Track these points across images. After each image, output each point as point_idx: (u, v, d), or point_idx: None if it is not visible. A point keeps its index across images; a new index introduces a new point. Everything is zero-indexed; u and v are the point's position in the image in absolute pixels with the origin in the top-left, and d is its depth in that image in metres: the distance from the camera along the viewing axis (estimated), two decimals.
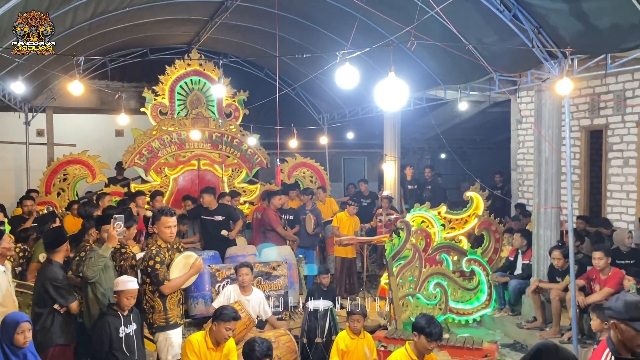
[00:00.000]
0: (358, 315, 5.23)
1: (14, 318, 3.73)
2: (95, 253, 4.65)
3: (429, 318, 4.20)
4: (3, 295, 4.62)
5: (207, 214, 8.58)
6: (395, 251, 7.27)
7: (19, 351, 3.63)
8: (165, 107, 10.29)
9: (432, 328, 4.10)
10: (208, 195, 8.59)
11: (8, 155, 13.17)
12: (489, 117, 13.19)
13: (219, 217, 8.55)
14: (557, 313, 6.53)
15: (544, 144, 7.02)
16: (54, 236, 4.97)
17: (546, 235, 7.08)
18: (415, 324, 4.22)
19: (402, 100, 4.19)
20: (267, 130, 11.47)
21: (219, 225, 8.52)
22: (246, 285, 6.17)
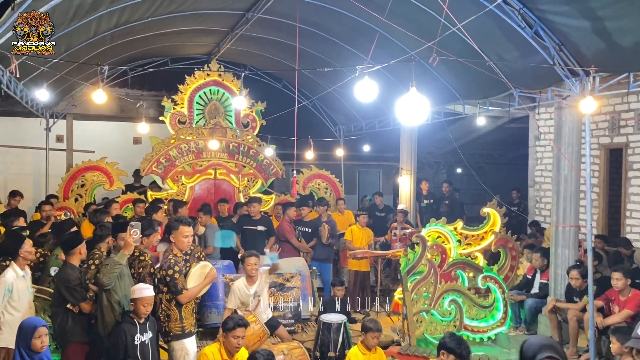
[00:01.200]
0: (377, 333, 5.19)
1: (32, 323, 3.76)
2: (111, 260, 4.68)
3: (458, 339, 4.16)
4: (21, 300, 4.71)
5: (250, 224, 8.61)
6: (410, 266, 7.20)
7: (36, 356, 3.65)
8: (184, 116, 10.38)
9: (462, 350, 4.06)
10: (258, 204, 8.67)
11: (27, 161, 13.36)
12: (506, 132, 13.13)
13: (261, 227, 8.58)
14: (574, 334, 6.43)
15: (563, 162, 6.96)
16: (70, 238, 5.11)
17: (564, 254, 6.99)
18: (444, 344, 4.15)
19: (423, 115, 4.18)
20: (283, 141, 11.52)
21: (260, 235, 8.55)
22: (254, 275, 6.06)
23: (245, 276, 6.09)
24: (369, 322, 5.21)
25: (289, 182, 13.99)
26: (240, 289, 5.99)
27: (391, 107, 10.08)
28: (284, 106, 11.03)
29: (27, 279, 4.92)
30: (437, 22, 5.87)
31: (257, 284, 6.04)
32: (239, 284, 6.08)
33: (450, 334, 4.29)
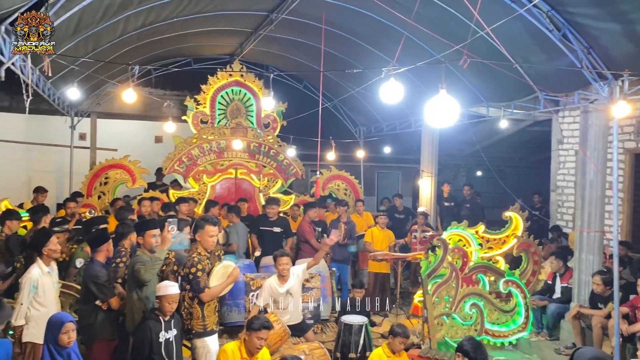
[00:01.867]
0: (405, 339, 5.19)
1: (59, 318, 3.82)
2: (152, 256, 4.76)
3: (476, 344, 4.13)
4: (46, 296, 4.77)
5: (267, 225, 8.61)
6: (431, 269, 7.17)
7: (64, 351, 3.70)
8: (206, 116, 10.47)
9: (477, 355, 4.03)
10: (277, 205, 8.71)
11: (50, 158, 13.56)
12: (528, 135, 12.99)
13: (277, 228, 8.58)
14: (598, 340, 6.34)
15: (588, 166, 6.87)
16: (97, 236, 5.18)
17: (588, 259, 6.90)
18: (461, 347, 4.14)
19: (453, 117, 4.16)
20: (303, 141, 11.55)
21: (276, 237, 8.55)
22: (285, 274, 6.12)
23: (277, 274, 6.14)
24: (398, 327, 5.21)
25: (307, 182, 14.04)
26: (272, 287, 6.04)
27: (413, 109, 10.05)
28: (305, 107, 11.05)
29: (53, 275, 4.99)
30: (463, 25, 5.84)
31: (288, 282, 6.08)
32: (271, 281, 6.14)
33: (470, 338, 4.27)
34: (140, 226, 5.11)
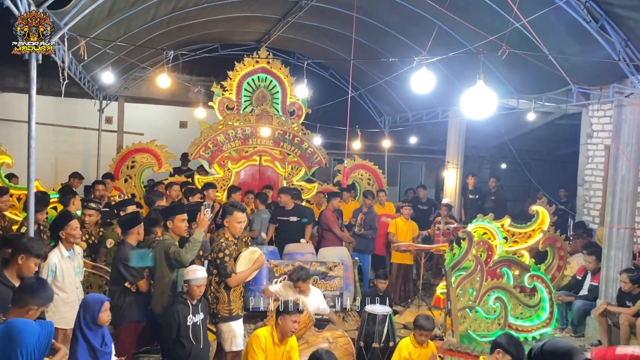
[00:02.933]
0: (428, 332, 5.19)
1: (98, 297, 3.87)
2: (191, 238, 4.81)
3: (517, 342, 4.09)
4: (65, 281, 4.76)
5: (283, 214, 8.55)
6: (455, 261, 7.13)
7: (99, 330, 3.76)
8: (232, 102, 10.51)
9: (520, 355, 3.99)
10: (285, 195, 8.56)
11: (78, 141, 13.77)
12: (556, 129, 12.78)
13: (294, 217, 8.53)
14: (625, 338, 6.25)
15: (621, 162, 6.73)
16: (130, 218, 5.22)
17: (617, 256, 6.80)
18: (501, 344, 4.07)
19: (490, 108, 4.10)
20: (326, 129, 11.53)
21: (293, 226, 8.51)
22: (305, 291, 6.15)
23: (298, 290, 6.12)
24: (423, 320, 5.20)
25: (330, 171, 14.02)
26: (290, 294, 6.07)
27: (441, 100, 9.95)
28: (330, 95, 11.02)
29: (76, 259, 4.95)
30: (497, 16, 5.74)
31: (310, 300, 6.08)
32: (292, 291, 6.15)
33: (508, 335, 4.20)
34: (171, 210, 5.13)
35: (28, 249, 3.88)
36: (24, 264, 3.86)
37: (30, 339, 2.63)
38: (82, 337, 3.68)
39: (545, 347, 2.13)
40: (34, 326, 2.62)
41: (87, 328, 3.69)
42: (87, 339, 3.69)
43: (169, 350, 4.37)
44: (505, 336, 4.15)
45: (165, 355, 4.26)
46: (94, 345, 3.70)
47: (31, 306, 3.20)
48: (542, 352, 2.12)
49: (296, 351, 4.76)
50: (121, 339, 4.91)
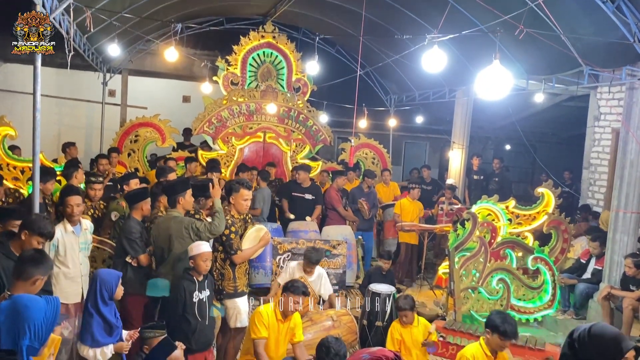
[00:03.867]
0: (405, 312, 5.19)
1: (113, 273, 3.88)
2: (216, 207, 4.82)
3: (504, 316, 4.09)
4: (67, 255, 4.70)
5: (299, 191, 8.54)
6: (459, 242, 7.12)
7: (112, 305, 3.77)
8: (237, 77, 10.39)
9: (506, 326, 4.00)
10: (304, 172, 8.55)
11: (81, 113, 13.68)
12: (563, 111, 12.65)
13: (309, 195, 8.52)
14: (628, 322, 6.26)
15: (630, 145, 6.66)
16: (137, 193, 5.20)
17: (623, 240, 6.77)
18: (489, 322, 4.12)
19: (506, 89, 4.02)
20: (331, 107, 11.42)
21: (307, 204, 8.52)
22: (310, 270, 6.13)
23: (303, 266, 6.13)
24: (401, 301, 5.23)
25: (334, 149, 13.96)
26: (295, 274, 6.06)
27: (449, 79, 9.83)
28: (336, 72, 10.88)
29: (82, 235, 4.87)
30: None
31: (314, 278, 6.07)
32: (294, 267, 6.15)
33: (497, 312, 4.20)
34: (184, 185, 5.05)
35: (32, 226, 3.87)
36: (27, 240, 3.86)
37: (37, 314, 2.62)
38: (96, 312, 3.70)
39: (593, 330, 2.10)
40: (40, 302, 2.60)
41: (102, 303, 3.71)
42: (102, 313, 3.71)
43: (175, 326, 4.37)
44: (492, 315, 4.14)
45: (171, 330, 4.26)
46: (109, 320, 3.72)
47: (37, 276, 3.18)
48: (589, 335, 2.08)
49: (300, 328, 4.78)
50: (128, 312, 4.93)
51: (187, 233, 4.68)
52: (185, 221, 4.77)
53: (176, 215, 4.81)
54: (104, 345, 3.72)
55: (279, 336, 4.63)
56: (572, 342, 2.11)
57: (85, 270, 4.86)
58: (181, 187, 4.93)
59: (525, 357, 6.10)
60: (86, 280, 4.79)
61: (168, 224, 4.74)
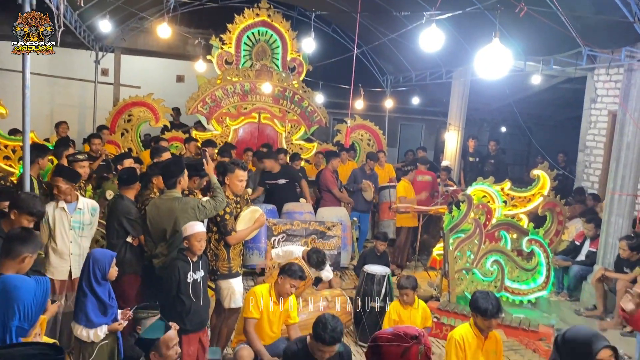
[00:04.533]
0: (407, 290, 5.15)
1: (107, 252, 3.84)
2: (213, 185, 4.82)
3: (483, 296, 4.02)
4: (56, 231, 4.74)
5: (271, 179, 8.34)
6: (453, 224, 7.12)
7: (106, 285, 3.74)
8: (231, 56, 10.25)
9: (486, 305, 3.95)
10: (268, 160, 8.29)
11: (73, 92, 13.51)
12: (559, 93, 12.60)
13: (282, 180, 8.35)
14: None
15: (627, 127, 6.62)
16: (128, 174, 5.16)
17: (618, 223, 6.77)
18: (471, 303, 4.10)
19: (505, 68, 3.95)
20: (327, 87, 11.30)
21: (284, 188, 8.36)
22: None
23: None
24: (403, 280, 5.19)
25: (329, 130, 13.87)
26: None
27: (446, 59, 9.72)
28: (332, 51, 10.74)
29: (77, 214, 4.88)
30: None
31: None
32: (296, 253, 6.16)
33: (478, 292, 4.13)
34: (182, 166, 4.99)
35: (20, 205, 3.83)
36: (16, 219, 3.83)
37: (27, 295, 2.58)
38: (90, 292, 3.66)
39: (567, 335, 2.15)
40: (30, 282, 2.56)
41: (96, 283, 3.67)
42: (96, 293, 3.68)
43: (169, 306, 4.34)
44: (473, 296, 4.10)
45: (165, 311, 4.23)
46: (103, 300, 3.69)
47: (25, 254, 3.13)
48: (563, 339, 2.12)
49: (295, 310, 4.76)
50: (123, 292, 4.91)
51: (193, 213, 4.64)
52: (191, 202, 4.73)
53: (178, 196, 4.75)
54: (98, 326, 3.69)
55: (274, 317, 4.62)
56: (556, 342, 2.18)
57: (76, 249, 4.85)
58: (178, 168, 4.86)
59: (519, 338, 6.14)
60: (77, 259, 4.79)
61: (171, 205, 4.67)
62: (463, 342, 3.99)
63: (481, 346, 4.05)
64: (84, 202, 4.97)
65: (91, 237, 5.07)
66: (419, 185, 9.10)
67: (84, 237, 4.96)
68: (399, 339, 1.65)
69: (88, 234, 5.01)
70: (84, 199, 5.03)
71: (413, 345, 1.64)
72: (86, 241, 4.99)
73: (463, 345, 3.98)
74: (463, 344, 3.99)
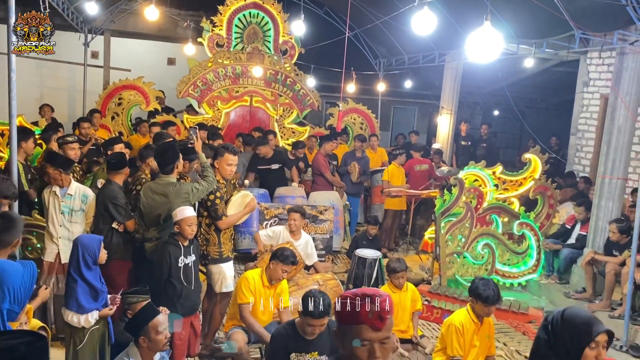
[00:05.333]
0: (401, 272, 5.15)
1: (94, 237, 3.82)
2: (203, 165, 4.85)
3: (485, 282, 4.06)
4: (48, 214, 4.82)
5: (264, 164, 8.26)
6: (445, 207, 7.14)
7: (96, 269, 3.72)
8: (222, 39, 10.13)
9: (488, 293, 3.99)
10: (264, 147, 8.26)
11: (63, 75, 13.34)
12: (552, 76, 12.59)
13: (275, 165, 8.32)
14: (610, 287, 6.36)
15: (618, 111, 6.63)
16: (117, 159, 5.11)
17: (608, 206, 6.81)
18: (472, 289, 4.11)
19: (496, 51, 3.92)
20: (319, 71, 11.22)
21: (276, 172, 8.35)
22: (295, 230, 6.18)
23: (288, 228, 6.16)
24: (394, 263, 5.16)
25: (322, 114, 13.80)
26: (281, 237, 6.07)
27: (439, 43, 9.66)
28: (324, 34, 10.64)
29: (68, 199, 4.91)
30: None
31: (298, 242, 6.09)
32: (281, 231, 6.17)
33: (479, 279, 4.17)
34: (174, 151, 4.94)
35: None
36: None
37: (15, 278, 2.57)
38: (80, 277, 3.64)
39: (566, 314, 2.11)
40: (17, 266, 2.55)
41: (86, 268, 3.65)
42: (86, 279, 3.66)
43: (159, 290, 4.33)
44: (474, 282, 4.13)
45: (155, 296, 4.22)
46: (93, 285, 3.67)
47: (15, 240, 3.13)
48: (562, 319, 2.09)
49: (286, 294, 4.76)
50: (111, 277, 4.89)
51: (187, 197, 4.63)
52: (185, 186, 4.71)
53: (173, 182, 4.71)
54: (89, 312, 3.68)
55: (266, 302, 4.62)
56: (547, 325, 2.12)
57: (64, 233, 4.88)
58: (174, 154, 4.82)
59: (509, 321, 6.20)
60: (65, 243, 4.79)
61: (165, 190, 4.64)
62: (462, 328, 4.03)
63: (477, 331, 4.10)
64: (76, 188, 4.96)
65: (83, 223, 5.04)
66: (417, 175, 9.09)
67: (74, 222, 4.94)
68: (355, 297, 1.80)
69: (79, 220, 4.99)
70: (76, 185, 5.02)
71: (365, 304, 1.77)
72: (77, 227, 4.97)
73: (462, 331, 4.03)
74: (462, 329, 4.03)
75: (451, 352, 4.04)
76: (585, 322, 2.07)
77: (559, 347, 2.05)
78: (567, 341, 2.04)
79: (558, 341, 2.06)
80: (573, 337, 2.04)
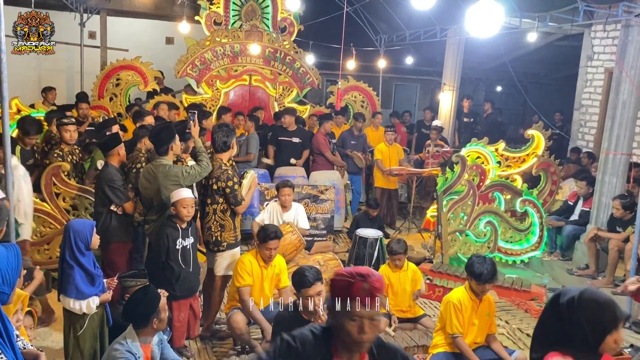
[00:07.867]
0: (399, 255, 5.10)
1: (86, 222, 3.77)
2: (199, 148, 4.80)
3: (480, 260, 3.98)
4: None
5: (285, 135, 8.44)
6: (447, 185, 7.07)
7: (89, 254, 3.69)
8: (220, 17, 9.96)
9: (481, 270, 3.92)
10: (290, 116, 8.41)
11: (60, 56, 13.12)
12: (555, 50, 12.38)
13: (296, 139, 8.41)
14: (613, 263, 6.32)
15: (623, 85, 6.51)
16: (109, 140, 5.07)
17: (611, 182, 6.73)
18: (467, 267, 4.08)
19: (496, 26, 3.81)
20: (319, 48, 11.04)
21: (294, 147, 8.44)
22: (287, 205, 6.13)
23: (279, 202, 6.13)
24: (394, 245, 5.11)
25: (323, 92, 13.65)
26: (274, 212, 6.04)
27: (440, 18, 9.49)
28: (323, 10, 10.43)
29: None
30: None
31: (288, 214, 6.06)
32: (274, 206, 6.10)
33: (474, 256, 4.09)
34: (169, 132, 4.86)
35: None
36: None
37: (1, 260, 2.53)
38: (76, 263, 3.61)
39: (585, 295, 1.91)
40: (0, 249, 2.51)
41: (80, 254, 3.62)
42: (81, 264, 3.63)
43: (157, 273, 4.31)
44: (469, 260, 4.07)
45: (154, 278, 4.20)
46: (88, 269, 3.65)
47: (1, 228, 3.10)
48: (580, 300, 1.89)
49: (285, 273, 4.73)
50: (110, 260, 4.89)
51: (176, 179, 4.56)
52: (174, 169, 4.65)
53: (165, 164, 4.65)
54: (89, 297, 3.65)
55: (264, 282, 4.60)
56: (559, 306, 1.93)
57: None
58: (169, 135, 4.74)
59: (511, 299, 6.19)
60: None
61: (155, 173, 4.61)
62: (460, 305, 4.00)
63: (476, 309, 4.06)
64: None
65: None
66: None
67: None
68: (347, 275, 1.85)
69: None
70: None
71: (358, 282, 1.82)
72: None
73: (461, 308, 3.99)
74: (460, 307, 4.00)
75: (450, 329, 4.01)
76: (609, 304, 1.90)
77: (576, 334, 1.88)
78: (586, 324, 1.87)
79: (574, 327, 1.89)
80: (594, 319, 1.87)
